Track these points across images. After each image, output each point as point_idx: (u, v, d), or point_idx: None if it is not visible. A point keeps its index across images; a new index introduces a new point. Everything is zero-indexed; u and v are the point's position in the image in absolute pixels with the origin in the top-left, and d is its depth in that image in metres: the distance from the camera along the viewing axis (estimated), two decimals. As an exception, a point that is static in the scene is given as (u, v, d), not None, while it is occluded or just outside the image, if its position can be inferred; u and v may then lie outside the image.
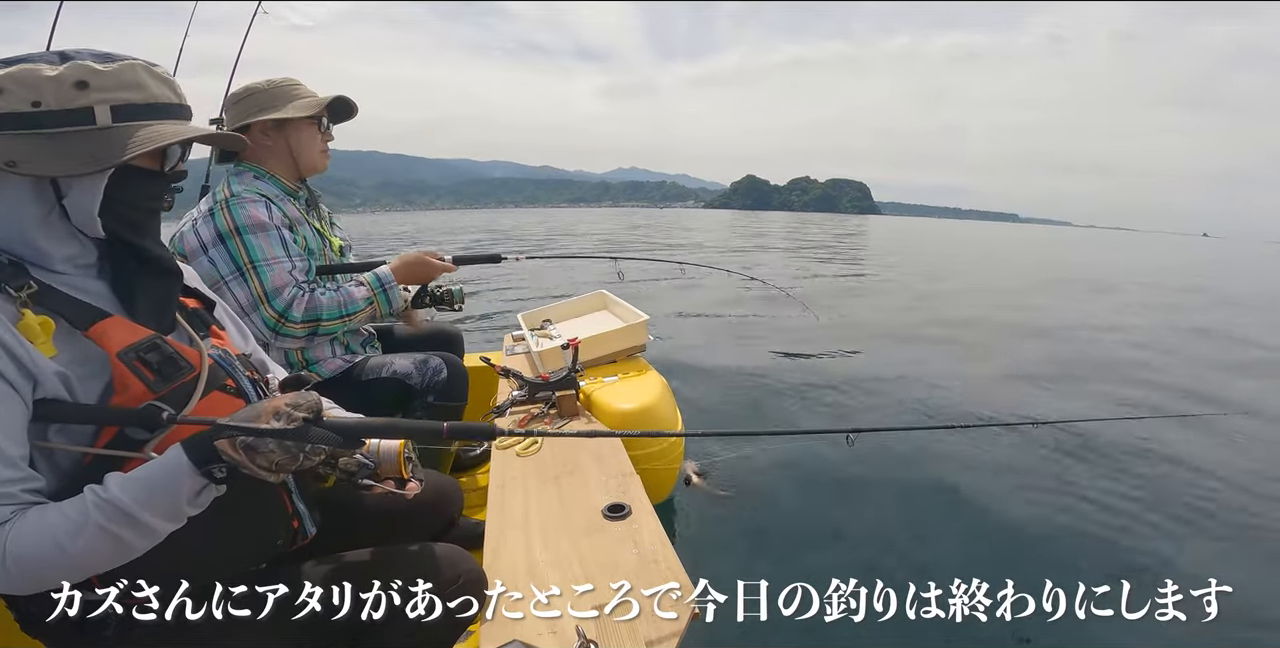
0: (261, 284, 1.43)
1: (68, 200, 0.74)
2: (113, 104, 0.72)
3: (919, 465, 2.68)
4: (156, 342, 0.78)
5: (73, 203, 0.74)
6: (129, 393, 0.74)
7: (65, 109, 0.70)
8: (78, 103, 0.70)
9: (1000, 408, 3.49)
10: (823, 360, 4.39)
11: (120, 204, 0.76)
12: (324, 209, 1.76)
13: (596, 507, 1.22)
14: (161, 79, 0.77)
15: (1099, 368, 4.49)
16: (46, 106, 0.69)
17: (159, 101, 0.76)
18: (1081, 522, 2.32)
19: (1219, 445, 2.98)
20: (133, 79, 0.74)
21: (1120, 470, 2.69)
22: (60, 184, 0.73)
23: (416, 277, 1.68)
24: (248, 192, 1.48)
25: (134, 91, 0.74)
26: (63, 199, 0.73)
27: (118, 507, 0.68)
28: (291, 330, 1.47)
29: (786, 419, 3.36)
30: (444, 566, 0.92)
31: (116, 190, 0.75)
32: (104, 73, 0.72)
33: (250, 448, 0.70)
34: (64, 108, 0.70)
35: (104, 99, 0.72)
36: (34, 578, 0.68)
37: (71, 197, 0.73)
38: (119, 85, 0.73)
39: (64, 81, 0.70)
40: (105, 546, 0.68)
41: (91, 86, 0.71)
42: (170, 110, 0.77)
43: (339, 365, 1.62)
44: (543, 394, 1.73)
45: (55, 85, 0.70)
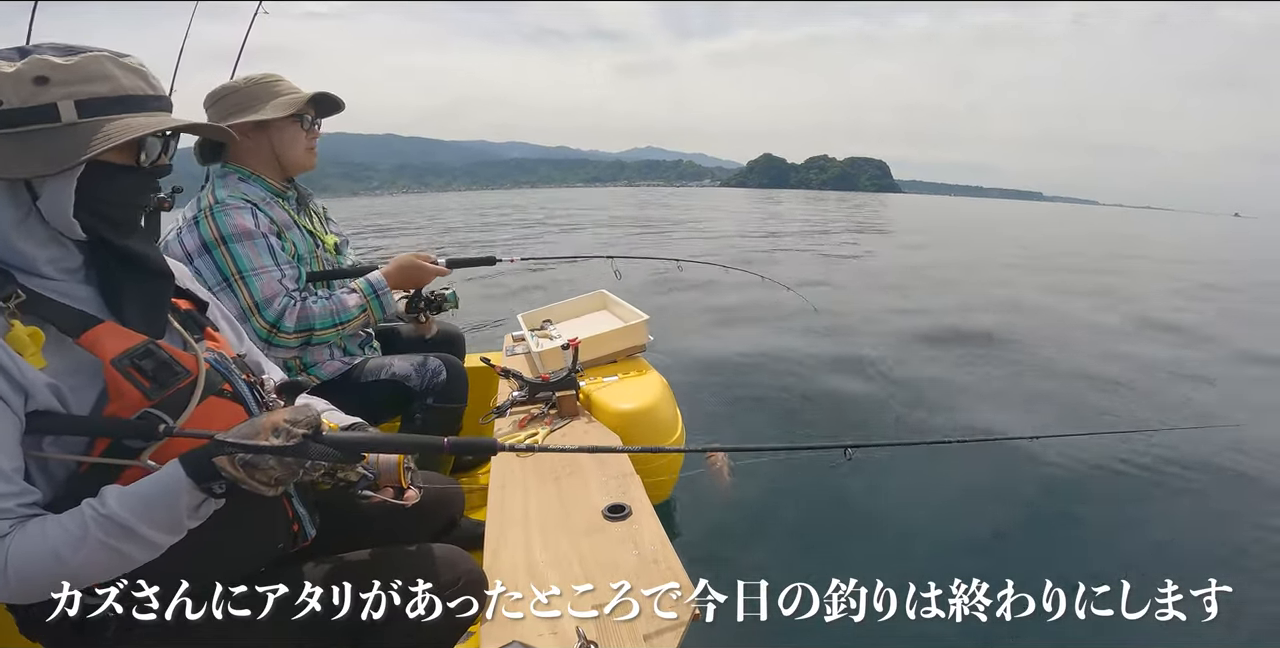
0: (251, 295, 1.41)
1: (41, 202, 0.71)
2: (77, 98, 0.69)
3: (923, 471, 2.68)
4: (150, 348, 0.76)
5: (46, 204, 0.71)
6: (123, 401, 0.73)
7: (27, 107, 0.67)
8: (39, 99, 0.68)
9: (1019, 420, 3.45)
10: (831, 365, 4.38)
11: (98, 202, 0.74)
12: (318, 205, 1.74)
13: (596, 507, 1.22)
14: (131, 69, 0.74)
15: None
16: (8, 105, 0.67)
17: (129, 93, 0.73)
18: (1081, 524, 2.32)
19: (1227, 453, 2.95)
20: (98, 71, 0.71)
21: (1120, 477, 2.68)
22: (33, 184, 0.70)
23: (410, 281, 1.65)
24: (232, 197, 1.44)
25: (100, 84, 0.71)
26: (36, 201, 0.71)
27: (116, 522, 0.67)
28: (284, 341, 1.45)
29: (789, 420, 3.36)
30: (444, 566, 0.92)
31: (91, 188, 0.72)
32: (65, 66, 0.69)
33: (249, 465, 0.69)
34: (25, 105, 0.67)
35: (67, 94, 0.69)
36: (34, 590, 0.68)
37: (44, 198, 0.71)
38: (82, 78, 0.70)
39: (22, 78, 0.67)
40: (105, 558, 0.68)
41: (53, 81, 0.68)
42: (143, 102, 0.74)
43: (337, 368, 1.62)
44: (543, 395, 1.73)
45: (13, 82, 0.67)
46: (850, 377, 3.94)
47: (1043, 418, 3.36)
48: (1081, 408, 3.50)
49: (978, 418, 3.35)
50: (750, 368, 4.08)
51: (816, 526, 2.30)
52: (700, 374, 3.88)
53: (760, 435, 3.14)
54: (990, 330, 5.18)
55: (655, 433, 1.74)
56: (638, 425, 1.69)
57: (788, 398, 3.57)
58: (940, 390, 3.73)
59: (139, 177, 0.77)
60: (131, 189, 0.77)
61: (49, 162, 0.68)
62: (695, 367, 3.98)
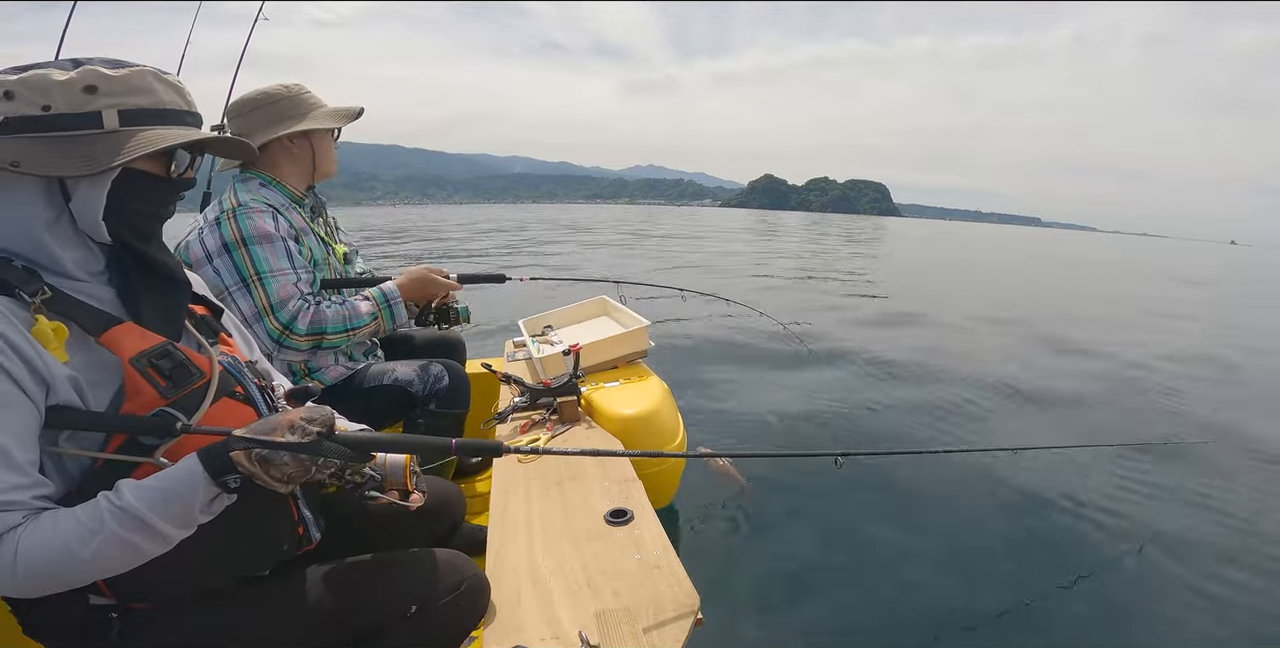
0: (267, 296, 1.44)
1: (73, 203, 0.74)
2: (120, 108, 0.74)
3: (914, 480, 2.68)
4: (168, 348, 0.79)
5: (78, 206, 0.75)
6: (140, 399, 0.75)
7: (74, 113, 0.72)
8: (87, 107, 0.72)
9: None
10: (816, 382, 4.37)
11: (126, 209, 0.77)
12: (329, 215, 1.77)
13: (598, 512, 1.22)
14: (171, 85, 0.78)
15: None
16: (56, 110, 0.71)
17: (167, 107, 0.77)
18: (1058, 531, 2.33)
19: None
20: (141, 84, 0.75)
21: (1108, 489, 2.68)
22: (67, 187, 0.74)
23: (422, 293, 1.68)
24: (255, 201, 1.49)
25: (142, 96, 0.75)
26: (69, 202, 0.74)
27: (133, 514, 0.68)
28: (295, 343, 1.47)
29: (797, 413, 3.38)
30: (447, 571, 0.92)
31: (122, 195, 0.76)
32: (113, 78, 0.73)
33: (265, 460, 0.71)
34: (73, 112, 0.72)
35: (112, 103, 0.73)
36: (43, 583, 0.69)
37: (76, 199, 0.74)
38: (127, 90, 0.74)
39: (73, 86, 0.71)
40: (117, 551, 0.69)
41: (100, 91, 0.72)
42: (178, 116, 0.78)
43: (341, 373, 1.62)
44: (544, 400, 1.73)
45: (65, 90, 0.71)
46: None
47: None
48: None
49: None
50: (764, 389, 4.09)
51: (818, 532, 2.30)
52: (698, 389, 3.90)
53: (757, 443, 3.17)
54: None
55: (657, 438, 1.73)
56: (639, 431, 1.68)
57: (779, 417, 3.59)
58: (933, 408, 3.77)
59: (166, 186, 0.81)
60: (158, 198, 0.81)
61: (88, 163, 0.72)
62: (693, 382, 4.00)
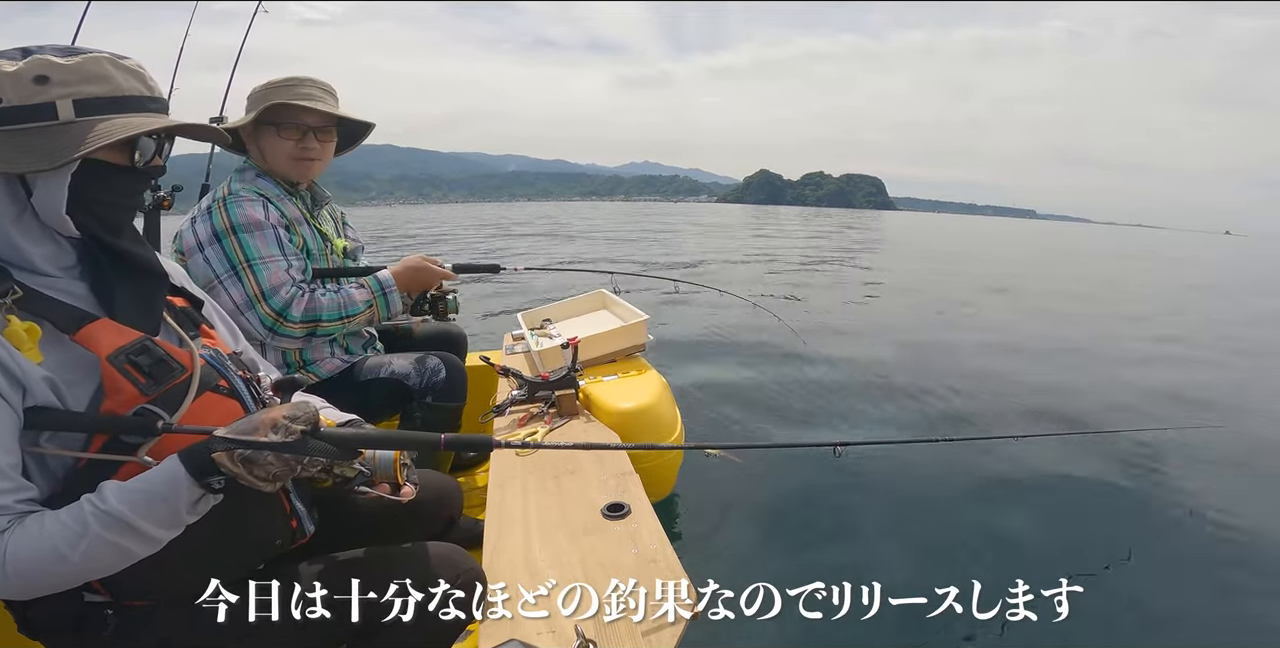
0: (258, 282, 1.42)
1: (35, 198, 0.72)
2: (75, 98, 0.70)
3: (910, 472, 2.69)
4: (146, 344, 0.77)
5: (40, 201, 0.72)
6: (120, 397, 0.73)
7: (26, 105, 0.69)
8: (38, 98, 0.69)
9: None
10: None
11: (92, 201, 0.75)
12: (335, 209, 1.75)
13: (596, 506, 1.22)
14: (129, 71, 0.75)
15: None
16: (7, 103, 0.68)
17: (126, 94, 0.74)
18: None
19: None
20: (97, 71, 0.72)
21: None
22: (28, 181, 0.72)
23: (417, 282, 1.67)
24: (246, 190, 1.48)
25: (98, 84, 0.72)
26: (31, 197, 0.72)
27: (117, 517, 0.67)
28: (290, 330, 1.45)
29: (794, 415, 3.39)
30: (443, 565, 0.92)
31: (84, 187, 0.73)
32: (65, 66, 0.70)
33: (248, 460, 0.70)
34: (24, 104, 0.69)
35: (66, 93, 0.70)
36: (35, 585, 0.68)
37: (38, 194, 0.72)
38: (81, 79, 0.71)
39: (23, 77, 0.68)
40: (106, 553, 0.68)
41: (52, 81, 0.69)
42: (138, 103, 0.75)
43: (337, 366, 1.62)
44: (542, 393, 1.72)
45: (14, 81, 0.68)
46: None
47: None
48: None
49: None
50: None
51: (816, 524, 2.31)
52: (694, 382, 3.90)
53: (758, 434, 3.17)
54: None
55: (654, 432, 1.73)
56: (637, 424, 1.68)
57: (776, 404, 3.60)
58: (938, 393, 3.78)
59: (132, 176, 0.78)
60: (124, 188, 0.78)
61: (45, 158, 0.69)
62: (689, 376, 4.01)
